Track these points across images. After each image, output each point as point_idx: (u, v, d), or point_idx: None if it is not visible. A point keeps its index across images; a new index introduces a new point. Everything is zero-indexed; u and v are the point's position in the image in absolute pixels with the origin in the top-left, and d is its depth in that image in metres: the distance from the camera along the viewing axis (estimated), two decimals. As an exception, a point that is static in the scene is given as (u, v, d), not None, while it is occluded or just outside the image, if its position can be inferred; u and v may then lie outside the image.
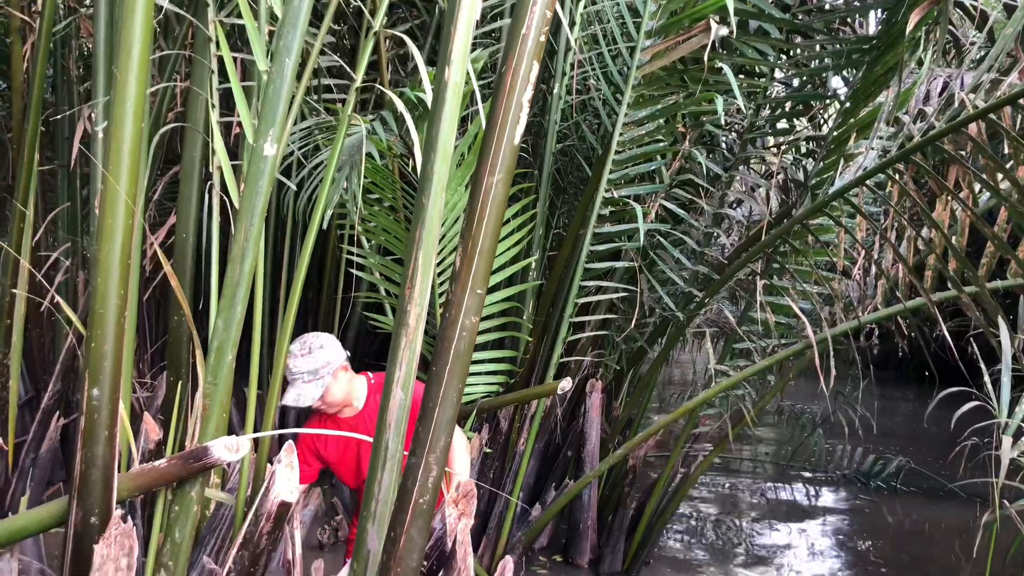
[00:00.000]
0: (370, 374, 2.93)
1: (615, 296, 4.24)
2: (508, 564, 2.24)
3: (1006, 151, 3.32)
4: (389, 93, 2.61)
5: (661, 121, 3.84)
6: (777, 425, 8.58)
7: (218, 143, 2.35)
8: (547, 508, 4.10)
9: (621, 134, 3.87)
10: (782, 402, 8.32)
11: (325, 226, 3.84)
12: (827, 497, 6.12)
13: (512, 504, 4.15)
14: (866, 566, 4.71)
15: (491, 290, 4.15)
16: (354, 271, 4.28)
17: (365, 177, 3.68)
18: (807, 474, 6.69)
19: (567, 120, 4.37)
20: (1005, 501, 2.92)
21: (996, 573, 4.26)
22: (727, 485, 6.34)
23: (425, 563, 1.90)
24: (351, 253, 4.24)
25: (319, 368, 2.71)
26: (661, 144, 3.89)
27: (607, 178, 3.92)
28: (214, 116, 2.45)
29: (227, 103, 4.52)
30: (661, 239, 4.16)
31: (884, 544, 5.11)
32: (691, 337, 4.99)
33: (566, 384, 3.61)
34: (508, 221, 4.09)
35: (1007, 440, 2.55)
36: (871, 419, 7.18)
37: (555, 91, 4.19)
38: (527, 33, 1.46)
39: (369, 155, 3.50)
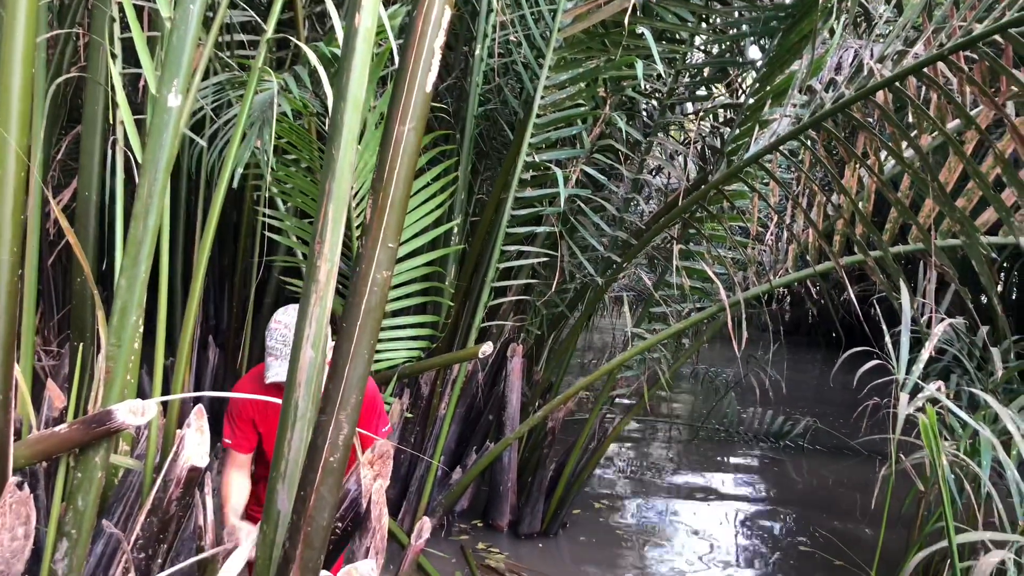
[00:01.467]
0: None
1: (536, 261, 4.26)
2: (425, 524, 2.24)
3: (911, 120, 3.44)
4: (303, 47, 2.53)
5: (582, 85, 3.85)
6: (692, 389, 8.83)
7: (120, 95, 2.23)
8: (467, 471, 4.13)
9: (543, 97, 3.86)
10: (697, 365, 8.57)
11: (237, 186, 3.72)
12: (738, 456, 6.35)
13: (433, 468, 4.16)
14: (774, 519, 4.92)
15: (412, 255, 4.11)
16: (270, 235, 4.17)
17: (279, 136, 3.57)
18: (720, 435, 6.91)
19: (489, 83, 4.33)
20: (902, 455, 3.08)
21: (892, 522, 4.50)
22: (644, 445, 6.51)
23: (340, 524, 1.88)
24: (268, 216, 4.13)
25: None
26: (582, 109, 3.89)
27: (528, 142, 3.91)
28: (115, 67, 2.32)
29: (133, 57, 4.31)
30: (582, 205, 4.19)
31: (790, 498, 5.34)
32: (610, 302, 5.06)
33: (487, 348, 3.62)
34: (429, 184, 4.04)
35: (904, 396, 2.68)
36: (781, 382, 7.46)
37: (477, 53, 4.13)
38: (442, -18, 1.42)
39: (284, 114, 3.39)
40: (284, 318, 2.23)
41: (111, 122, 2.55)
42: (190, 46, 1.86)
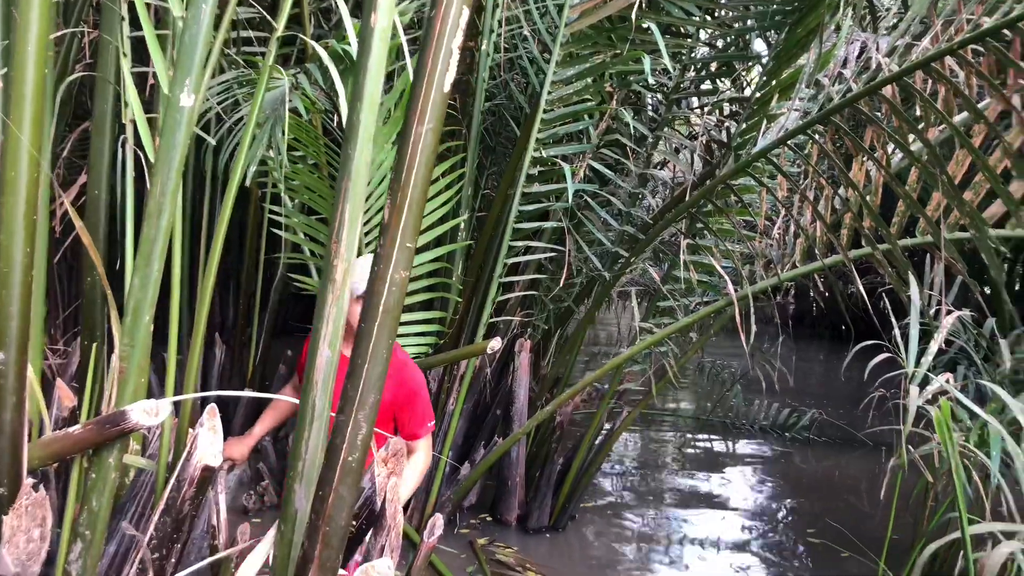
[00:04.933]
0: None
1: (543, 256, 4.26)
2: (438, 521, 2.25)
3: (918, 113, 3.43)
4: (312, 44, 2.53)
5: (589, 80, 3.84)
6: (699, 382, 8.84)
7: (131, 93, 2.24)
8: (476, 466, 4.14)
9: (549, 93, 3.86)
10: (703, 359, 8.58)
11: (247, 184, 3.72)
12: (745, 448, 6.35)
13: (441, 464, 4.17)
14: (781, 510, 4.93)
15: (420, 250, 4.11)
16: (277, 232, 4.17)
17: (288, 134, 3.57)
18: (727, 427, 6.92)
19: (495, 79, 4.32)
20: (910, 447, 3.08)
21: (900, 514, 4.51)
22: (651, 439, 6.51)
23: (355, 523, 1.89)
24: (274, 213, 4.13)
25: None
26: (589, 104, 3.89)
27: (535, 137, 3.90)
28: (126, 65, 2.32)
29: (140, 54, 4.31)
30: (589, 199, 4.18)
31: (797, 490, 5.34)
32: (617, 297, 5.06)
33: (495, 344, 3.62)
34: (437, 180, 4.04)
35: (914, 389, 2.68)
36: (788, 375, 7.46)
37: (483, 48, 4.13)
38: (456, -19, 1.42)
39: (292, 111, 3.39)
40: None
41: (121, 121, 2.55)
42: (202, 45, 1.86)
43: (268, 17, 2.64)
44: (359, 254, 3.91)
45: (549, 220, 4.27)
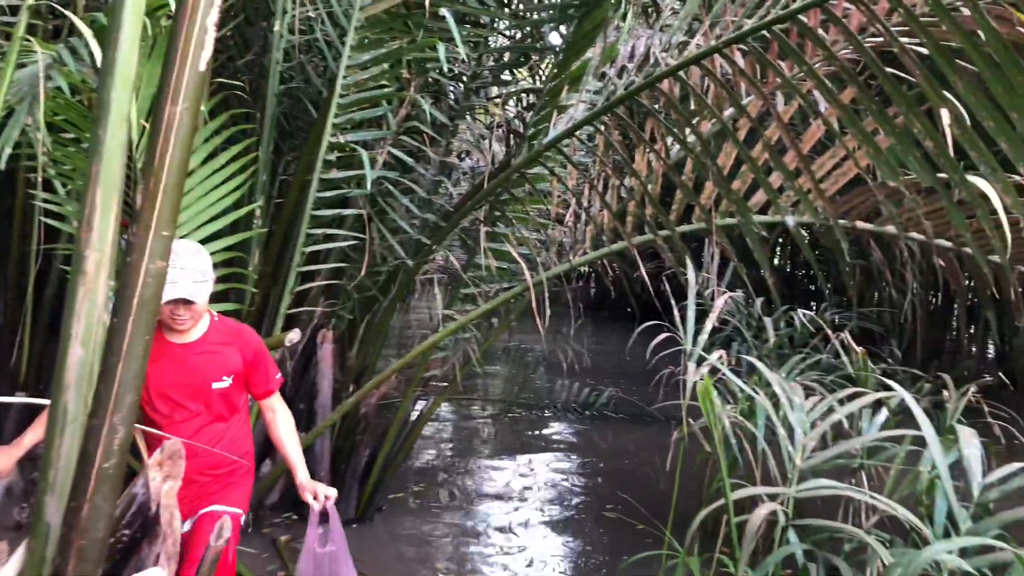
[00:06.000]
0: (214, 312, 2.61)
1: (345, 245, 4.17)
2: (225, 523, 2.14)
3: (694, 107, 3.68)
4: (71, 17, 2.31)
5: (386, 66, 3.80)
6: (504, 366, 9.06)
7: None
8: (278, 463, 4.00)
9: (346, 77, 3.77)
10: (509, 343, 8.81)
11: (6, 168, 3.34)
12: (549, 429, 6.60)
13: (240, 462, 3.99)
14: (582, 489, 5.17)
15: (210, 239, 3.88)
16: (49, 220, 3.78)
17: (55, 113, 3.24)
18: (532, 409, 7.15)
19: (291, 61, 4.17)
20: (691, 420, 3.32)
21: (685, 481, 4.85)
22: (461, 426, 6.60)
23: (127, 532, 1.76)
24: (46, 201, 3.74)
25: (207, 270, 2.38)
26: (387, 90, 3.84)
27: (332, 122, 3.81)
28: None
29: None
30: (391, 187, 4.14)
31: (596, 468, 5.62)
32: (420, 284, 5.07)
33: (294, 336, 3.51)
34: (227, 165, 3.84)
35: (691, 365, 2.89)
36: (585, 355, 7.82)
37: (276, 29, 3.97)
38: (216, -47, 1.34)
39: (60, 89, 3.08)
40: (177, 246, 2.16)
41: None
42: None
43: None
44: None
45: (350, 207, 4.18)
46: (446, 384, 4.62)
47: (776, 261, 10.25)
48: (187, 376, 2.45)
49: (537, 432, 6.47)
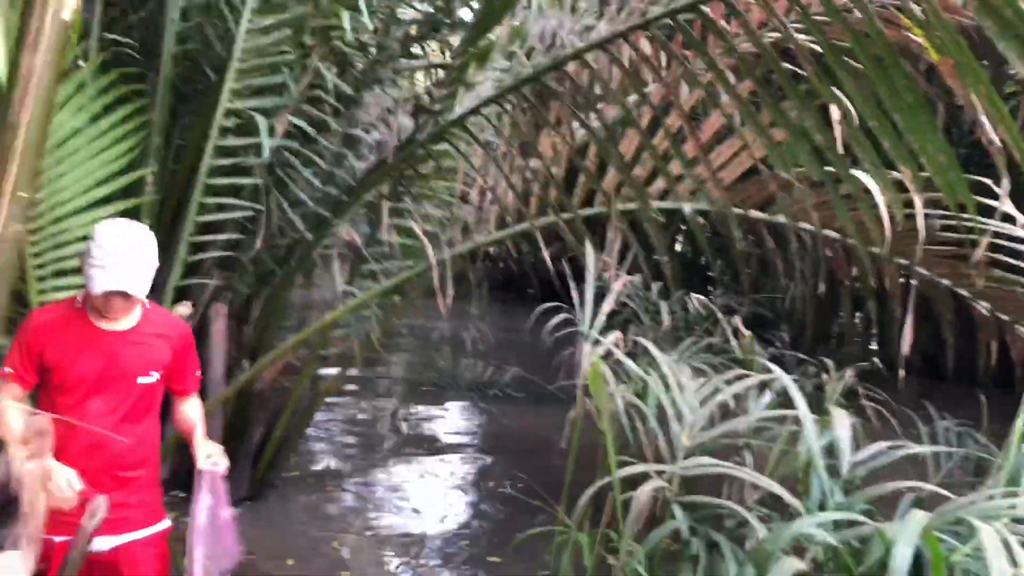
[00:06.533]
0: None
1: (242, 216, 4.03)
2: (100, 504, 2.05)
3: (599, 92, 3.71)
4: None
5: (288, 31, 3.68)
6: (408, 344, 9.00)
7: None
8: (167, 441, 3.85)
9: (245, 41, 3.64)
10: (414, 321, 8.76)
11: None
12: (451, 408, 6.60)
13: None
14: (484, 470, 5.20)
15: (97, 204, 3.69)
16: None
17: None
18: (436, 388, 7.13)
19: (189, 21, 3.98)
20: (586, 399, 3.37)
21: (583, 458, 4.95)
22: (360, 404, 6.53)
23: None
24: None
25: (152, 258, 2.21)
26: (289, 57, 3.72)
27: (231, 87, 3.67)
28: None
29: None
30: (291, 158, 4.02)
31: (497, 447, 5.67)
32: (320, 260, 4.95)
33: (184, 310, 3.37)
34: (119, 127, 3.65)
35: (587, 346, 2.94)
36: (490, 336, 7.86)
37: (173, -14, 3.78)
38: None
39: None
40: (113, 230, 2.09)
41: None
42: None
43: None
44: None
45: (250, 177, 4.04)
46: (346, 362, 4.55)
47: (679, 247, 10.51)
48: (112, 367, 2.22)
49: (440, 411, 6.46)
